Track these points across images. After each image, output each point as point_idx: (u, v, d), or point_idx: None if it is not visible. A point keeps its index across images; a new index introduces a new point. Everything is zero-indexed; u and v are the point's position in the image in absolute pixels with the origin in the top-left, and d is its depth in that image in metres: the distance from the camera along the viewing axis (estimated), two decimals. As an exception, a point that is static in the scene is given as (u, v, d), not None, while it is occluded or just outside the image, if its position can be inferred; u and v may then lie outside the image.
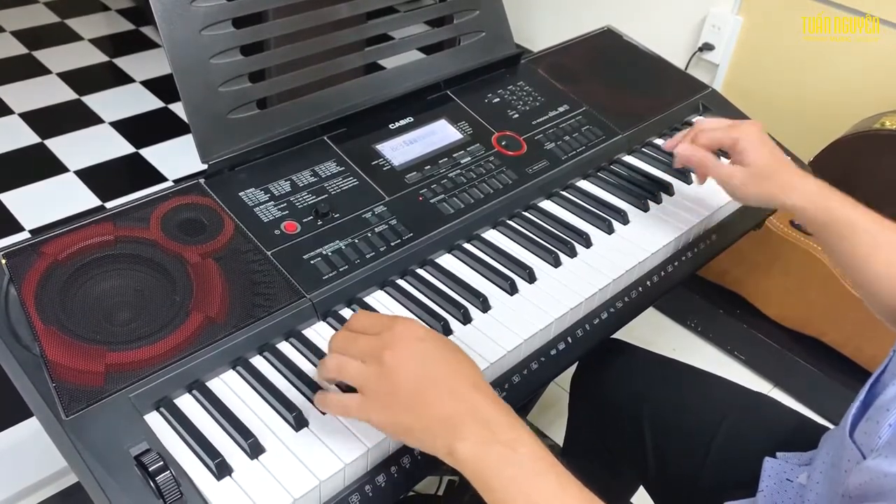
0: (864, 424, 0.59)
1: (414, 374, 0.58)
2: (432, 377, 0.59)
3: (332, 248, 0.80)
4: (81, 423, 0.61)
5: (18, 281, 0.69)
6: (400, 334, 0.60)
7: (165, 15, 0.81)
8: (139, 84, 2.48)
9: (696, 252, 0.97)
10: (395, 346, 0.59)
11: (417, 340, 0.60)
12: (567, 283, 0.84)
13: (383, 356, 0.59)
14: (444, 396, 0.58)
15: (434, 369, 0.59)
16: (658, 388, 0.96)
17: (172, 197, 0.81)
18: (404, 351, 0.59)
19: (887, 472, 0.52)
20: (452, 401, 0.58)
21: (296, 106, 0.91)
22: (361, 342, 0.61)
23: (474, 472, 0.56)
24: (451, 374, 0.59)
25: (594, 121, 1.06)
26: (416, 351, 0.59)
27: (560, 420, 1.50)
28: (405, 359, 0.59)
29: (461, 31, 1.06)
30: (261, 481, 0.61)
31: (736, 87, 2.01)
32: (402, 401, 0.58)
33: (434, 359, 0.60)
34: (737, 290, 1.73)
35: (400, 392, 0.58)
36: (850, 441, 0.59)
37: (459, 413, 0.57)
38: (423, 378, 0.58)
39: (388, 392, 0.58)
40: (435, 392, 0.58)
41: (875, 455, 0.55)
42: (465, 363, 0.61)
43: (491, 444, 0.56)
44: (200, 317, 0.70)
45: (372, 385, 0.59)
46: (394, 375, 0.58)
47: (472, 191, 0.91)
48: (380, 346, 0.59)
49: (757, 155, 0.84)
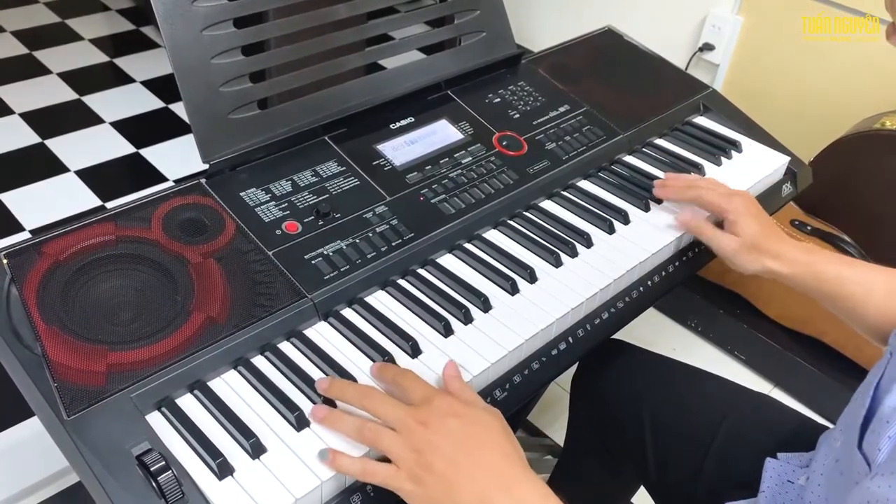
0: (869, 435, 0.59)
1: (446, 450, 0.59)
2: (466, 454, 0.59)
3: (333, 248, 0.80)
4: (83, 422, 0.61)
5: (20, 281, 0.69)
6: (435, 409, 0.61)
7: (167, 15, 0.81)
8: (139, 84, 2.48)
9: (696, 252, 0.97)
10: (429, 420, 0.61)
11: (455, 417, 0.61)
12: (568, 283, 0.84)
13: (416, 430, 0.60)
14: (476, 471, 0.59)
15: (468, 445, 0.60)
16: (659, 388, 0.96)
17: (173, 197, 0.81)
18: (437, 427, 0.60)
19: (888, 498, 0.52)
20: (483, 474, 0.59)
21: (297, 106, 0.91)
22: (398, 410, 0.62)
23: None
24: (483, 448, 0.60)
25: (595, 121, 1.06)
26: (448, 427, 0.60)
27: (560, 420, 1.50)
28: (437, 435, 0.60)
29: (462, 32, 1.06)
30: (262, 481, 0.61)
31: (736, 86, 2.01)
32: (435, 478, 0.59)
33: (469, 434, 0.61)
34: (737, 290, 1.73)
35: (434, 469, 0.59)
36: (859, 453, 0.59)
37: (489, 486, 0.58)
38: (457, 456, 0.59)
39: (422, 467, 0.59)
40: (468, 468, 0.59)
41: (874, 475, 0.55)
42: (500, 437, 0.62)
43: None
44: (202, 317, 0.70)
45: (405, 458, 0.60)
46: (426, 451, 0.59)
47: (473, 191, 0.91)
48: (416, 419, 0.61)
49: (747, 227, 0.88)
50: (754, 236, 0.88)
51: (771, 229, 0.89)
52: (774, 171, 1.09)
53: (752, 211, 0.90)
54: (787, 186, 1.11)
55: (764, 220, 0.90)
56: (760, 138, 1.14)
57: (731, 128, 1.16)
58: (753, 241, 0.87)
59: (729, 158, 1.08)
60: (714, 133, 1.13)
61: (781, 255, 0.86)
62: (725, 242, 0.89)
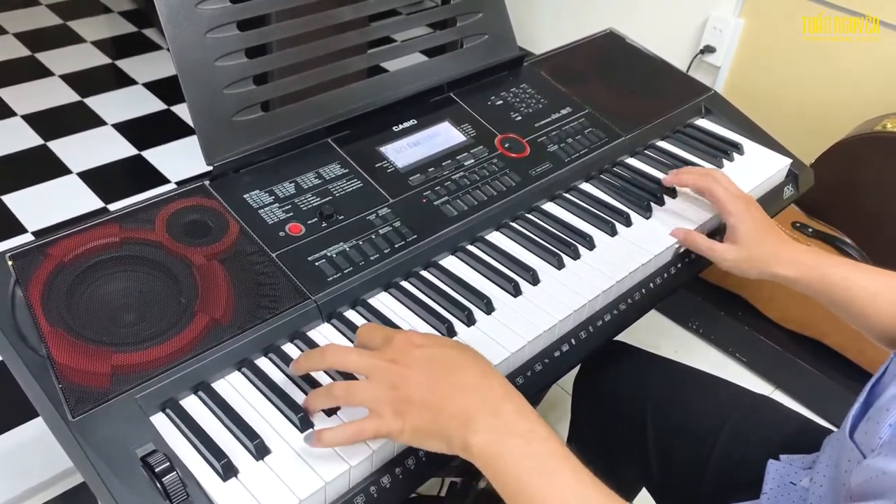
0: (864, 425, 0.59)
1: (420, 378, 0.59)
2: (441, 377, 0.60)
3: (336, 250, 0.80)
4: (88, 424, 0.62)
5: (25, 282, 0.69)
6: (399, 344, 0.62)
7: (171, 17, 0.81)
8: (141, 86, 2.48)
9: (698, 254, 0.97)
10: (398, 357, 0.61)
11: (418, 347, 0.61)
12: (570, 286, 0.84)
13: (389, 369, 0.60)
14: (454, 392, 0.59)
15: (441, 370, 0.60)
16: (661, 390, 0.96)
17: (177, 199, 0.81)
18: (409, 360, 0.60)
19: (886, 469, 0.52)
20: (463, 394, 0.59)
21: (300, 108, 0.91)
22: (363, 356, 0.62)
23: (488, 466, 0.56)
24: (457, 369, 0.61)
25: (597, 123, 1.07)
26: (420, 357, 0.61)
27: (563, 422, 1.50)
28: (411, 367, 0.60)
29: (464, 34, 1.06)
30: (266, 482, 0.61)
31: (737, 89, 2.02)
32: (417, 406, 0.59)
33: (439, 360, 0.61)
34: (738, 292, 1.73)
35: (412, 398, 0.59)
36: (851, 441, 0.59)
37: (471, 406, 0.58)
38: (432, 380, 0.59)
39: (400, 400, 0.59)
40: (446, 390, 0.59)
41: (875, 454, 0.55)
42: (471, 356, 0.62)
43: (504, 436, 0.56)
44: (206, 318, 0.70)
45: (384, 398, 0.60)
46: (401, 385, 0.59)
47: (475, 193, 0.91)
48: (383, 358, 0.61)
49: (748, 237, 0.88)
50: (753, 242, 0.88)
51: (772, 234, 0.89)
52: (776, 174, 1.09)
53: (756, 217, 0.90)
54: (789, 188, 1.12)
55: (765, 226, 0.90)
56: (762, 140, 1.14)
57: (732, 130, 1.16)
58: (752, 248, 0.88)
59: (731, 161, 1.09)
60: (716, 135, 1.13)
61: (785, 259, 0.86)
62: (720, 253, 0.90)
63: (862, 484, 0.55)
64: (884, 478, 0.53)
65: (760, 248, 0.88)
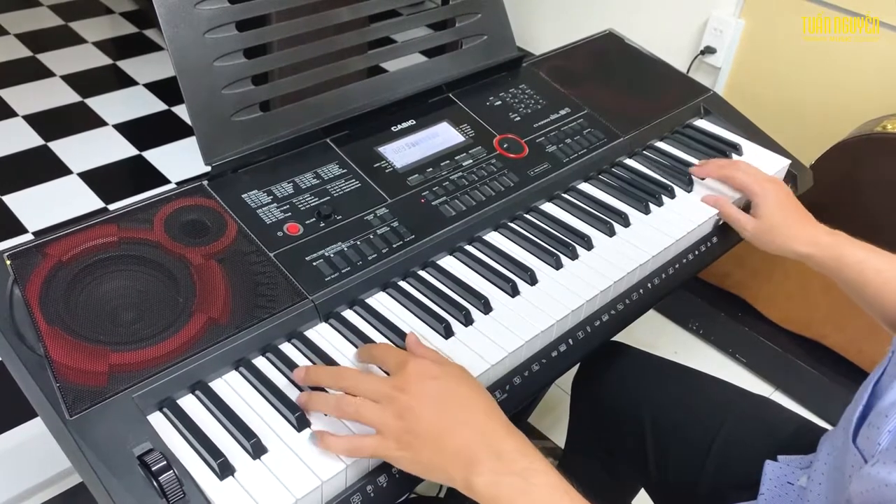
0: (865, 429, 0.59)
1: (427, 411, 0.60)
2: (448, 412, 0.60)
3: (334, 250, 0.80)
4: (85, 423, 0.62)
5: (23, 282, 0.69)
6: (411, 373, 0.62)
7: (169, 18, 0.81)
8: (142, 86, 2.49)
9: (697, 255, 0.97)
10: (407, 386, 0.61)
11: (431, 379, 0.62)
12: (568, 286, 0.84)
13: (396, 397, 0.61)
14: (460, 429, 0.60)
15: (449, 404, 0.61)
16: (659, 390, 0.96)
17: (176, 199, 0.81)
18: (415, 391, 0.61)
19: (888, 482, 0.52)
20: (467, 434, 0.59)
21: (298, 108, 0.91)
22: (374, 383, 0.63)
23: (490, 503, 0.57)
24: (465, 407, 0.61)
25: (596, 124, 1.07)
26: (432, 390, 0.61)
27: (561, 422, 1.50)
28: (417, 399, 0.61)
29: (463, 35, 1.06)
30: (263, 481, 0.61)
31: (738, 90, 2.01)
32: (421, 440, 0.59)
33: (448, 394, 0.62)
34: (738, 292, 1.73)
35: (419, 432, 0.60)
36: (853, 446, 0.59)
37: (473, 446, 0.59)
38: (439, 416, 0.60)
39: (406, 430, 0.60)
40: (451, 426, 0.60)
41: (874, 462, 0.55)
42: (478, 394, 0.63)
43: (504, 476, 0.58)
44: (203, 318, 0.71)
45: (389, 425, 0.60)
46: (408, 416, 0.60)
47: (473, 193, 0.91)
48: (394, 387, 0.61)
49: (769, 212, 0.93)
50: (776, 219, 0.92)
51: (795, 213, 0.93)
52: (775, 174, 1.09)
53: (780, 196, 0.94)
54: (788, 189, 1.12)
55: (791, 205, 0.94)
56: (761, 141, 1.14)
57: (731, 131, 1.16)
58: (773, 226, 0.92)
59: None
60: (715, 136, 1.13)
61: (803, 237, 0.90)
62: (743, 223, 0.95)
63: (864, 493, 0.55)
64: (886, 490, 0.53)
65: (781, 223, 0.92)
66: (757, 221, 0.94)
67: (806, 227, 0.91)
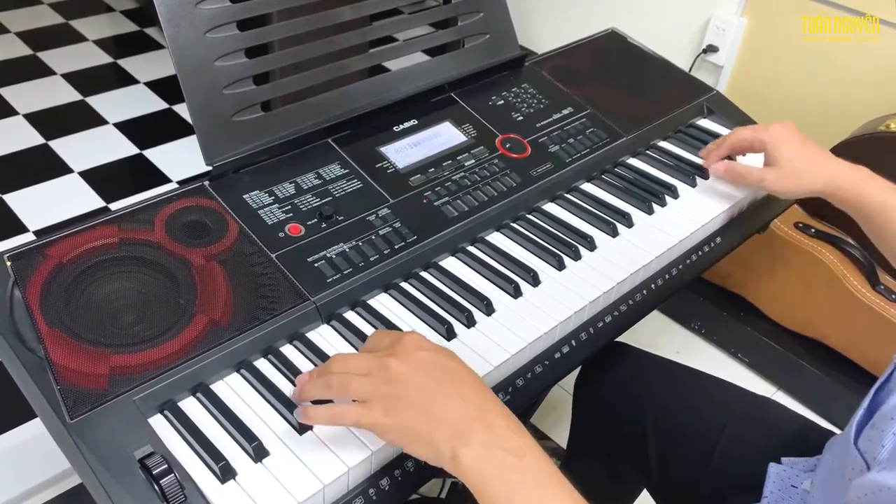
0: (868, 432, 0.59)
1: (422, 380, 0.59)
2: (440, 383, 0.59)
3: (336, 251, 0.80)
4: (86, 425, 0.61)
5: (23, 283, 0.69)
6: (407, 345, 0.61)
7: (170, 17, 0.81)
8: (143, 85, 2.48)
9: (700, 255, 0.97)
10: (402, 355, 0.60)
11: (423, 350, 0.61)
12: (571, 287, 0.83)
13: (389, 364, 0.59)
14: (451, 400, 0.58)
15: (441, 376, 0.59)
16: (662, 391, 0.96)
17: (177, 199, 0.81)
18: (411, 360, 0.60)
19: (890, 485, 0.52)
20: (460, 404, 0.58)
21: (300, 108, 0.91)
22: (364, 357, 0.61)
23: (476, 478, 0.55)
24: (458, 380, 0.60)
25: (598, 123, 1.06)
26: (423, 359, 0.60)
27: (563, 422, 1.49)
28: (412, 366, 0.59)
29: (465, 34, 1.06)
30: (265, 485, 0.61)
31: (740, 89, 2.01)
32: (409, 404, 0.58)
33: (441, 367, 0.60)
34: (740, 292, 1.73)
35: (407, 396, 0.58)
36: (855, 448, 0.59)
37: (466, 417, 0.57)
38: (430, 384, 0.59)
39: (395, 396, 0.58)
40: (442, 396, 0.58)
41: (877, 468, 0.55)
42: (470, 373, 0.61)
43: (495, 450, 0.55)
44: (204, 319, 0.70)
45: (377, 392, 0.59)
46: (400, 382, 0.58)
47: (476, 193, 0.91)
48: (387, 355, 0.60)
49: (783, 153, 0.91)
50: (792, 159, 0.90)
51: (811, 150, 0.91)
52: (778, 174, 1.08)
53: (791, 135, 0.92)
54: (792, 189, 1.11)
55: (802, 143, 0.92)
56: (764, 141, 1.14)
57: (734, 130, 1.15)
58: (791, 167, 0.90)
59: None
60: (718, 135, 1.12)
61: (823, 175, 0.88)
62: (761, 176, 0.92)
63: (860, 498, 0.54)
64: (880, 494, 0.52)
65: (798, 164, 0.90)
66: (776, 170, 0.91)
67: (825, 163, 0.89)
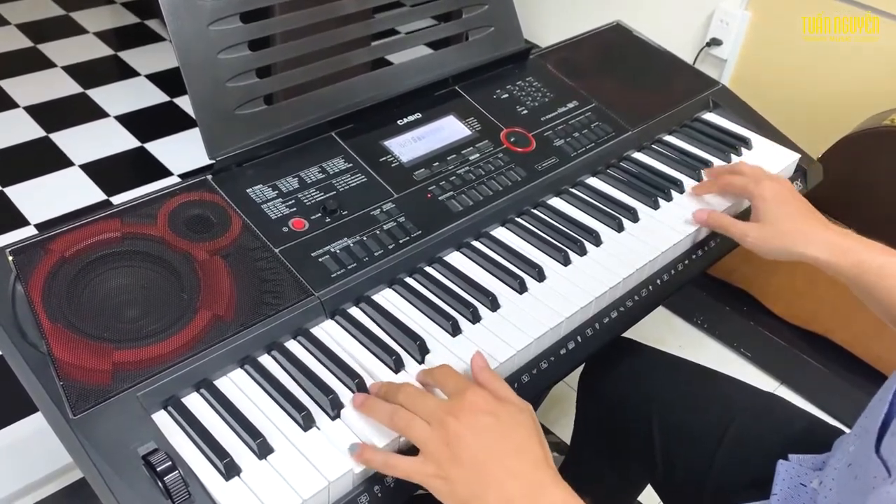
0: (888, 440, 0.58)
1: (476, 446, 0.58)
2: (494, 453, 0.58)
3: (340, 246, 0.79)
4: (89, 422, 0.61)
5: (25, 278, 0.69)
6: (468, 403, 0.60)
7: (173, 9, 0.80)
8: (144, 77, 2.47)
9: (705, 250, 0.96)
10: (461, 414, 0.59)
11: (487, 414, 0.60)
12: (577, 282, 0.83)
13: (447, 422, 0.59)
14: (505, 476, 0.57)
15: (496, 445, 0.59)
16: (667, 387, 0.96)
17: (180, 193, 0.80)
18: (469, 421, 0.59)
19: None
20: (512, 484, 0.57)
21: (303, 102, 0.90)
22: (430, 403, 0.61)
23: None
24: (513, 452, 0.59)
25: (604, 117, 1.05)
26: (481, 423, 0.59)
27: (567, 417, 1.49)
28: (469, 429, 0.59)
29: (469, 26, 1.05)
30: (269, 481, 0.60)
31: (744, 82, 2.00)
32: (463, 472, 0.58)
33: (498, 434, 0.59)
34: (744, 287, 1.72)
35: (462, 462, 0.58)
36: (877, 457, 0.58)
37: (519, 497, 0.57)
38: (484, 452, 0.58)
39: (449, 459, 0.58)
40: (496, 470, 0.58)
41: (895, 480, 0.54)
42: (531, 441, 0.60)
43: None
44: (208, 315, 0.70)
45: (433, 449, 0.59)
46: (455, 444, 0.58)
47: (480, 188, 0.90)
48: (448, 412, 0.60)
49: (771, 213, 0.85)
50: (777, 219, 0.85)
51: (801, 212, 0.85)
52: (784, 169, 1.08)
53: (782, 196, 0.87)
54: (798, 184, 1.10)
55: (791, 204, 0.86)
56: (770, 135, 1.13)
57: (740, 124, 1.14)
58: (776, 225, 0.84)
59: (739, 155, 1.07)
60: (724, 130, 1.12)
61: (816, 240, 0.82)
62: (741, 230, 0.87)
63: None
64: None
65: (786, 225, 0.84)
66: (759, 227, 0.86)
67: (816, 228, 0.83)
